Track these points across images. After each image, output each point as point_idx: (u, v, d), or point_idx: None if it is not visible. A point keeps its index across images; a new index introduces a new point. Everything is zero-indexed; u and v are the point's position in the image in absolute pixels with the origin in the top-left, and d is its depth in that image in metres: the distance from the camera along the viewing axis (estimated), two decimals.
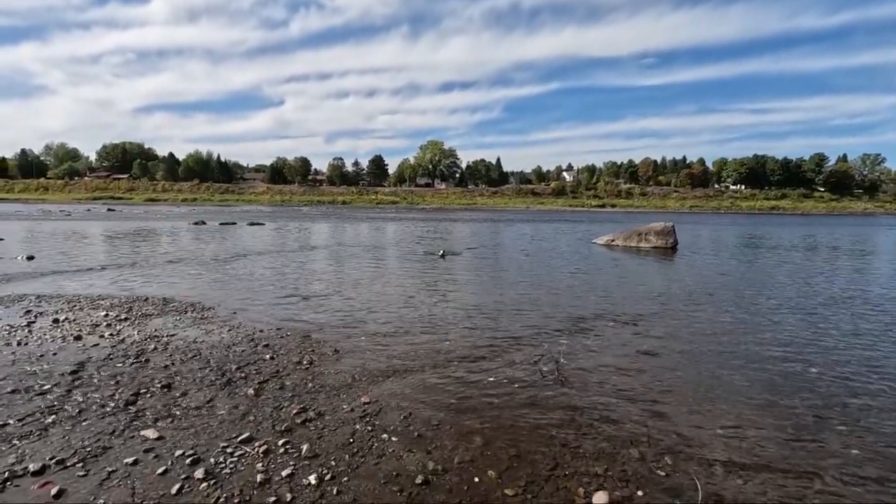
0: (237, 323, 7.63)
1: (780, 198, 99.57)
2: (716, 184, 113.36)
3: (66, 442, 3.87)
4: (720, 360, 6.32)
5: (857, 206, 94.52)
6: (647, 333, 7.55)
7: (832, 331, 7.88)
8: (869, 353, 6.71)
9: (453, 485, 3.46)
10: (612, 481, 3.54)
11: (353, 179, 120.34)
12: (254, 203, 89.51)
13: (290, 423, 4.31)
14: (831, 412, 4.82)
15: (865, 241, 28.36)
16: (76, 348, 6.17)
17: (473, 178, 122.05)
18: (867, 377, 5.79)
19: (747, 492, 3.45)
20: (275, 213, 57.68)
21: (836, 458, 3.95)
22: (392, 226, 36.44)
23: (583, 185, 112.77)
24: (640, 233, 21.73)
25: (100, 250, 17.41)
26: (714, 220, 55.36)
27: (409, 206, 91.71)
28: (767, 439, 4.24)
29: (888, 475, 3.71)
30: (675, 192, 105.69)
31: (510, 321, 8.13)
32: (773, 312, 9.16)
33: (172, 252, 17.31)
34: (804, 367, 6.09)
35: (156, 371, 5.46)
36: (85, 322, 7.40)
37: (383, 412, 4.59)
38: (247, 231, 28.28)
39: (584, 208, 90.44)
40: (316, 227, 33.07)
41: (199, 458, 3.68)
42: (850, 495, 3.45)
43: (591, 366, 6.01)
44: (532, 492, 3.40)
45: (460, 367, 5.85)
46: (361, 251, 18.88)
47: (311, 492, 3.32)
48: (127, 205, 74.34)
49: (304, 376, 5.44)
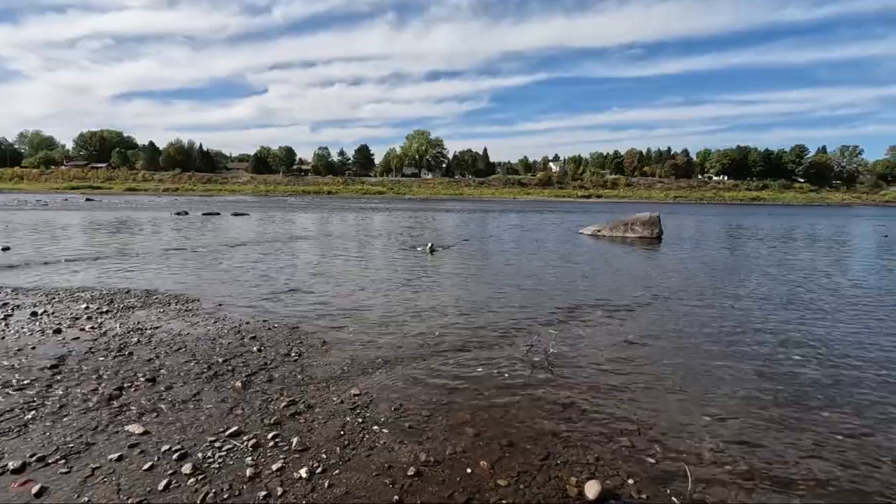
0: (223, 315, 7.51)
1: (762, 189, 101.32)
2: (699, 175, 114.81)
3: (47, 438, 3.76)
4: (706, 349, 6.41)
5: (835, 198, 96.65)
6: (634, 323, 7.62)
7: (813, 318, 8.04)
8: (849, 340, 6.86)
9: (446, 476, 3.45)
10: (603, 470, 3.56)
11: (338, 169, 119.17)
12: (237, 193, 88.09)
13: (279, 416, 4.25)
14: (814, 398, 4.91)
15: (843, 233, 29.02)
16: (56, 342, 6.01)
17: (460, 169, 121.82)
18: (848, 363, 5.92)
19: (735, 478, 3.50)
20: (259, 203, 56.88)
21: (820, 442, 4.03)
22: (379, 216, 36.21)
23: (569, 175, 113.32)
24: (626, 223, 21.91)
25: (79, 241, 16.96)
26: (698, 211, 56.10)
27: (396, 196, 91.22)
28: (754, 425, 4.31)
29: (870, 457, 3.80)
30: (660, 183, 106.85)
31: (499, 312, 8.14)
32: (755, 301, 9.31)
33: (155, 243, 16.96)
34: (787, 354, 6.21)
35: (140, 364, 5.34)
36: (64, 315, 7.21)
37: (374, 404, 4.56)
38: (231, 222, 27.83)
39: (571, 199, 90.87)
40: (301, 218, 32.69)
41: (187, 452, 3.61)
42: (834, 478, 3.52)
43: (580, 356, 6.04)
44: (524, 482, 3.40)
45: (450, 359, 5.83)
46: (348, 242, 18.72)
47: (303, 485, 3.28)
48: (106, 195, 72.57)
49: (292, 368, 5.37)
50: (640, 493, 3.30)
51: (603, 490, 3.24)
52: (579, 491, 3.29)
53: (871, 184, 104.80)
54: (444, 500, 3.18)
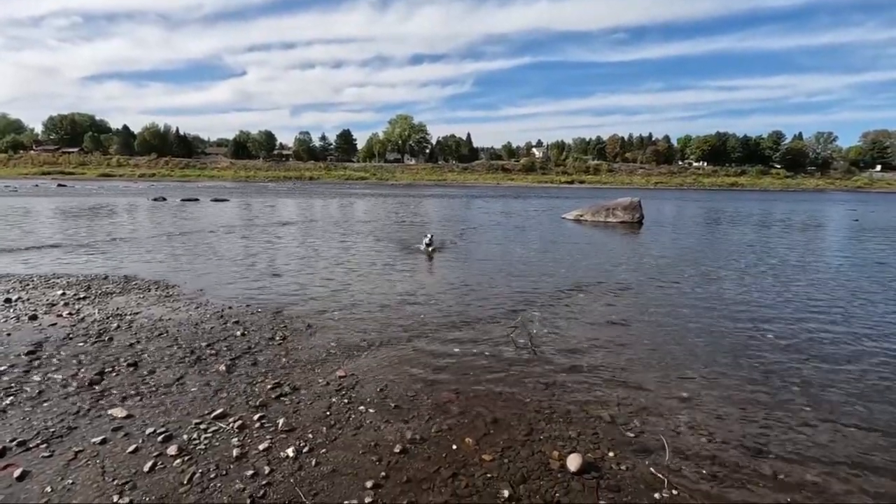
0: (205, 300, 7.42)
1: (740, 175, 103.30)
2: (680, 160, 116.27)
3: (28, 423, 3.71)
4: (684, 328, 6.59)
5: (810, 183, 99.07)
6: (615, 304, 7.77)
7: (788, 299, 8.30)
8: (821, 318, 7.12)
9: (432, 452, 3.51)
10: (584, 443, 3.67)
11: (320, 154, 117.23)
12: (216, 179, 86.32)
13: (264, 398, 4.25)
14: (785, 374, 5.11)
15: (816, 217, 29.84)
16: (32, 328, 5.88)
17: (444, 154, 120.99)
18: (819, 342, 6.16)
19: (710, 449, 3.65)
20: (239, 188, 55.88)
21: (790, 416, 4.21)
22: (361, 202, 35.93)
23: (552, 161, 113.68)
24: (608, 208, 22.16)
25: (53, 228, 16.49)
26: (678, 196, 56.98)
27: (379, 181, 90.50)
28: (728, 399, 4.47)
29: (836, 429, 3.99)
30: (641, 169, 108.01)
31: (484, 294, 8.21)
32: (732, 282, 9.56)
33: (132, 229, 16.59)
34: (761, 333, 6.42)
35: (120, 350, 5.27)
36: (40, 301, 7.05)
37: (359, 385, 4.59)
38: (210, 207, 27.32)
39: (554, 185, 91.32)
40: (282, 203, 32.25)
41: (172, 435, 3.60)
42: (803, 448, 3.69)
43: (562, 336, 6.16)
44: (508, 456, 3.49)
45: (435, 340, 5.88)
46: (331, 227, 18.57)
47: (290, 464, 3.31)
48: (79, 180, 70.44)
49: (277, 352, 5.36)
50: (619, 465, 3.41)
51: (584, 462, 3.34)
52: (562, 464, 3.39)
53: (844, 170, 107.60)
54: (430, 476, 3.25)
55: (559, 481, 3.23)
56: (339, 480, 3.17)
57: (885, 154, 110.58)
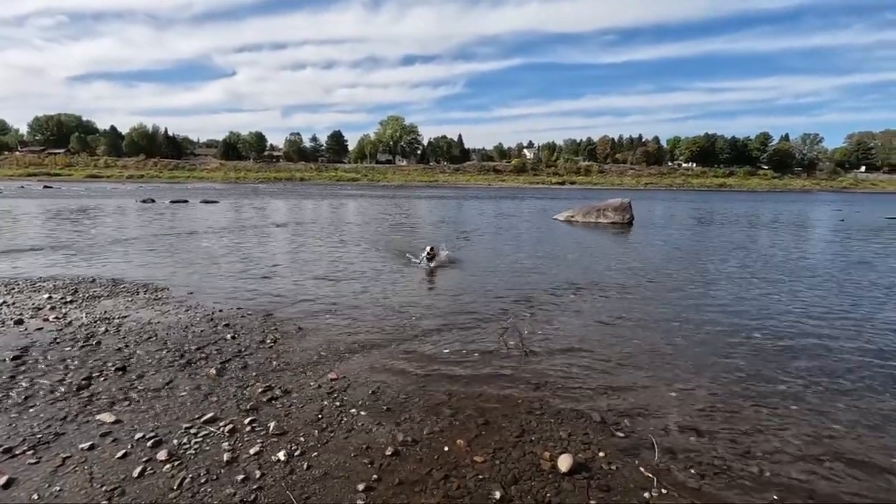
0: (194, 303, 7.36)
1: (728, 175, 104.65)
2: (669, 161, 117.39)
3: (13, 429, 3.66)
4: (674, 328, 6.65)
5: (797, 184, 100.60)
6: (605, 304, 7.82)
7: (774, 298, 8.42)
8: (809, 318, 7.22)
9: (424, 454, 3.52)
10: (575, 444, 3.70)
11: (311, 155, 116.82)
12: (206, 180, 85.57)
13: (255, 401, 4.23)
14: (774, 373, 5.18)
15: (803, 217, 30.27)
16: (17, 333, 5.79)
17: (435, 155, 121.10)
18: (807, 341, 6.25)
19: (699, 448, 3.69)
20: (229, 190, 55.46)
21: (778, 415, 4.27)
22: (353, 203, 35.83)
23: (543, 162, 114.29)
24: (599, 209, 22.31)
25: (39, 230, 16.25)
26: (667, 197, 57.49)
27: (370, 183, 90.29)
28: (716, 399, 4.53)
29: (824, 428, 4.06)
30: (632, 170, 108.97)
31: (474, 296, 8.23)
32: (721, 282, 9.67)
33: (120, 231, 16.40)
34: (749, 333, 6.50)
35: (109, 354, 5.21)
36: (26, 305, 6.94)
37: (351, 388, 4.58)
38: (200, 209, 27.09)
39: (545, 185, 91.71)
40: (273, 205, 32.08)
41: (161, 439, 3.57)
42: (790, 445, 3.75)
43: (553, 337, 6.19)
44: (500, 457, 3.50)
45: (427, 342, 5.89)
46: (321, 229, 18.50)
47: (281, 467, 3.30)
48: (66, 182, 69.41)
49: (268, 355, 5.33)
50: (610, 465, 3.44)
51: (575, 463, 3.37)
52: (553, 465, 3.41)
53: (829, 171, 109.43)
54: (422, 478, 3.25)
55: (550, 482, 3.25)
56: (330, 483, 3.16)
57: (870, 155, 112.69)
